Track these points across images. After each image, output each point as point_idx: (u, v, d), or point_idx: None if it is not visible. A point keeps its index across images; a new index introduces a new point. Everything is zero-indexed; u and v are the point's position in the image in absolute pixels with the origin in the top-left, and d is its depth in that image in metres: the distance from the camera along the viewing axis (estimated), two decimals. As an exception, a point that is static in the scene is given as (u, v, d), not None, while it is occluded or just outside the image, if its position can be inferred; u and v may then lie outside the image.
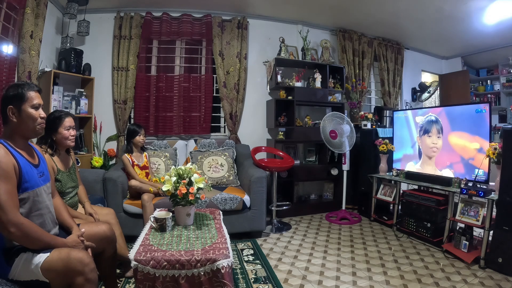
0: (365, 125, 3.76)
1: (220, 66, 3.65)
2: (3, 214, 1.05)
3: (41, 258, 1.14)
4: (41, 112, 1.23)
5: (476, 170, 2.47)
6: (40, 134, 1.26)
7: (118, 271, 1.90)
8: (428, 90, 4.90)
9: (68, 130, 1.80)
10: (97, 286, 1.21)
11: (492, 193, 2.26)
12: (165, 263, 1.30)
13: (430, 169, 2.94)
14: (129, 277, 1.94)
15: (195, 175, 1.76)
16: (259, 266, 2.20)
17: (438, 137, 2.87)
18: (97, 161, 3.17)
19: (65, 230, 1.41)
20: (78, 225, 1.45)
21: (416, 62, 5.13)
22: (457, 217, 2.44)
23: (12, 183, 1.10)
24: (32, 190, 1.17)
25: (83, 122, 3.28)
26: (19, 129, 1.19)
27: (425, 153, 3.01)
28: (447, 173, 2.76)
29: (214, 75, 3.75)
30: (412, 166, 3.14)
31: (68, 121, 1.81)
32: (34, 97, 1.21)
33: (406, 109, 3.81)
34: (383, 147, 3.28)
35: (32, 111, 1.19)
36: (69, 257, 1.14)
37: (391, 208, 3.42)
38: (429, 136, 2.96)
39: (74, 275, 1.12)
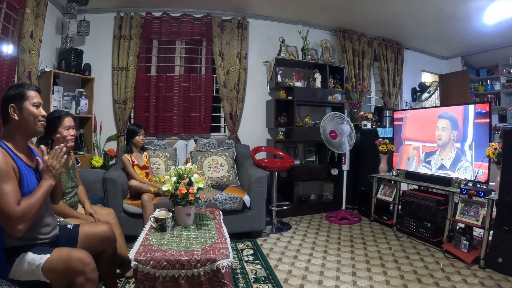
0: (365, 125, 3.76)
1: (220, 66, 3.65)
2: (9, 213, 1.05)
3: (42, 259, 1.14)
4: (42, 111, 1.26)
5: (476, 170, 2.47)
6: (41, 132, 1.27)
7: (118, 271, 1.90)
8: (428, 90, 4.90)
9: (67, 130, 1.80)
10: (97, 286, 1.22)
11: (492, 193, 2.26)
12: (165, 263, 1.30)
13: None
14: (129, 277, 1.94)
15: (195, 175, 1.76)
16: (259, 266, 2.20)
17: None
18: (97, 161, 3.17)
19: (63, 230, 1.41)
20: (78, 225, 1.45)
21: (416, 62, 5.13)
22: (457, 217, 2.44)
23: (15, 182, 1.11)
24: None
25: (83, 122, 3.28)
26: (21, 127, 1.21)
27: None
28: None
29: (214, 75, 3.74)
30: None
31: (68, 121, 1.81)
32: (34, 96, 1.24)
33: (406, 109, 3.80)
34: (383, 147, 3.28)
35: (33, 108, 1.22)
36: (70, 257, 1.15)
37: (391, 208, 3.42)
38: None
39: (75, 274, 1.13)
